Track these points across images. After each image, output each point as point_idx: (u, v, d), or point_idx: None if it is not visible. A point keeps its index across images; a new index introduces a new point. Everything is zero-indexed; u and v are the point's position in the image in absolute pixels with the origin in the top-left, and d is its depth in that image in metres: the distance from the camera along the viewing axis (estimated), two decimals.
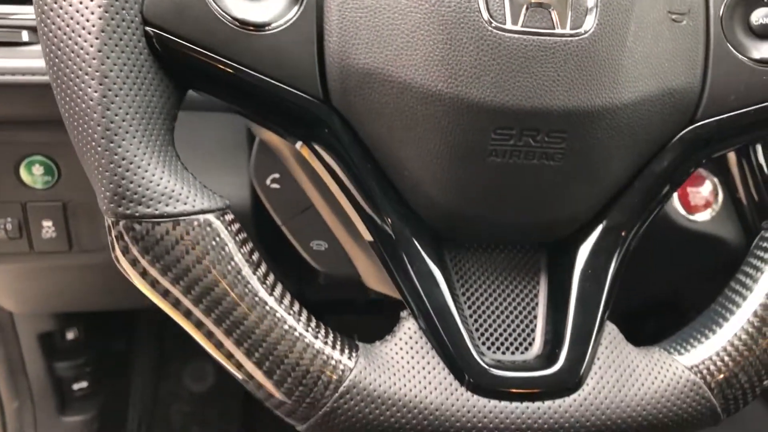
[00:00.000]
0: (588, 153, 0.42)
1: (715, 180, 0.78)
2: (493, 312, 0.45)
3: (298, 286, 0.90)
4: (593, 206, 0.45)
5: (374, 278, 0.50)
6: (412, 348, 0.42)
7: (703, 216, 0.76)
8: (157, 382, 1.29)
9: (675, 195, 0.76)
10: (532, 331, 0.45)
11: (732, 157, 0.78)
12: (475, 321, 0.45)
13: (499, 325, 0.45)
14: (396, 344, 0.42)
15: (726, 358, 0.43)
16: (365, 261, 0.50)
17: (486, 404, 0.41)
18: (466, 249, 0.46)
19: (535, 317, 0.45)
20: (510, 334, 0.45)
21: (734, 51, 0.44)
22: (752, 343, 0.43)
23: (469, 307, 0.45)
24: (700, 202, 0.77)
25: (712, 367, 0.43)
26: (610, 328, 0.44)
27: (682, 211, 0.76)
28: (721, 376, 0.43)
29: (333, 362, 0.40)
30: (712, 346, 0.44)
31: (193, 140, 0.68)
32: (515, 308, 0.46)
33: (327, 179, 0.43)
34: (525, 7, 0.40)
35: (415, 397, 0.40)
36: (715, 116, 0.44)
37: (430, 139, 0.41)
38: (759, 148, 0.77)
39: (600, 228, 0.45)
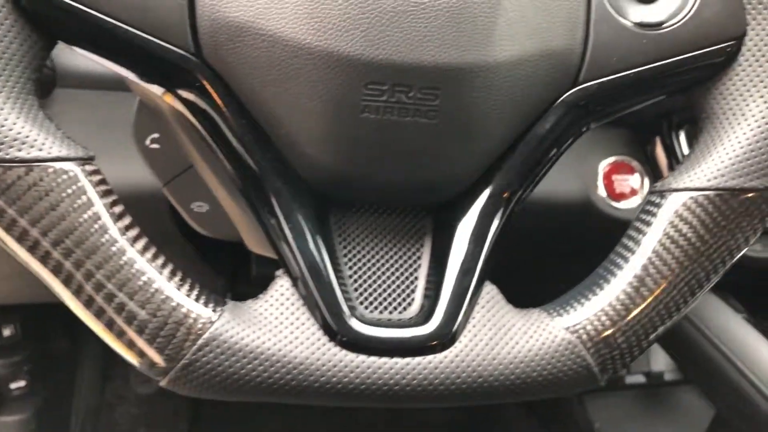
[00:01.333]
0: (463, 111, 0.42)
1: (641, 168, 0.78)
2: (374, 273, 0.45)
3: (231, 282, 0.89)
4: (474, 167, 0.44)
5: (254, 240, 0.49)
6: (282, 305, 0.41)
7: (628, 204, 0.76)
8: (103, 384, 1.27)
9: (600, 183, 0.77)
10: (413, 291, 0.45)
11: (658, 144, 0.78)
12: (355, 281, 0.44)
13: (380, 286, 0.45)
14: (267, 301, 0.41)
15: (604, 318, 0.43)
16: (245, 222, 0.49)
17: (354, 359, 0.40)
18: (353, 211, 0.46)
19: (417, 278, 0.45)
20: (390, 294, 0.44)
21: (615, 14, 0.44)
22: (631, 304, 0.43)
23: (350, 268, 0.45)
24: (626, 190, 0.77)
25: (589, 327, 0.43)
26: (490, 288, 0.44)
27: (608, 199, 0.76)
28: (599, 336, 0.43)
29: (194, 315, 0.39)
30: (592, 308, 0.43)
31: (115, 120, 0.67)
32: (398, 270, 0.45)
33: (203, 137, 0.43)
34: None
35: (279, 351, 0.40)
36: (597, 79, 0.44)
37: (303, 94, 0.40)
38: (682, 136, 0.77)
39: (482, 191, 0.45)
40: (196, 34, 0.40)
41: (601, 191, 0.76)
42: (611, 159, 0.77)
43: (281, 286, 0.42)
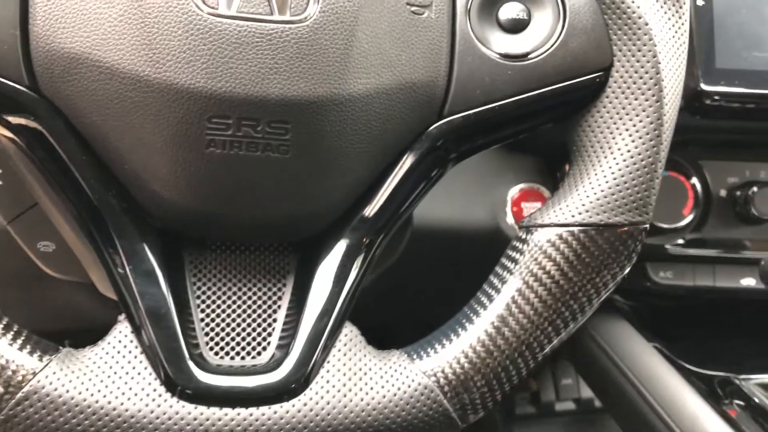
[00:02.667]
0: (317, 146, 0.40)
1: (551, 195, 0.77)
2: (229, 315, 0.43)
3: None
4: (334, 204, 0.43)
5: (103, 282, 0.47)
6: (119, 353, 0.39)
7: None
8: None
9: (509, 211, 0.76)
10: (269, 335, 0.43)
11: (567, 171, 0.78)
12: (207, 325, 0.42)
13: (233, 329, 0.42)
14: (103, 349, 0.39)
15: (463, 361, 0.41)
16: (92, 263, 0.47)
17: (191, 411, 0.38)
18: (211, 249, 0.44)
19: (275, 320, 0.43)
20: (244, 339, 0.42)
21: (480, 45, 0.43)
22: (492, 345, 0.41)
23: (203, 311, 0.42)
24: None
25: (448, 371, 0.41)
26: (349, 330, 0.42)
27: (516, 227, 0.75)
28: (457, 380, 0.41)
29: (15, 365, 0.37)
30: (452, 350, 0.42)
31: None
32: (256, 311, 0.43)
33: (45, 174, 0.40)
34: None
35: (109, 404, 0.37)
36: (462, 112, 0.43)
37: (145, 128, 0.39)
38: None
39: (345, 228, 0.43)
40: (30, 65, 0.38)
41: (510, 219, 0.75)
42: (520, 186, 0.76)
43: (120, 333, 0.39)
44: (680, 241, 0.75)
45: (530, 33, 0.44)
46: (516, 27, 0.44)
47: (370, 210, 0.43)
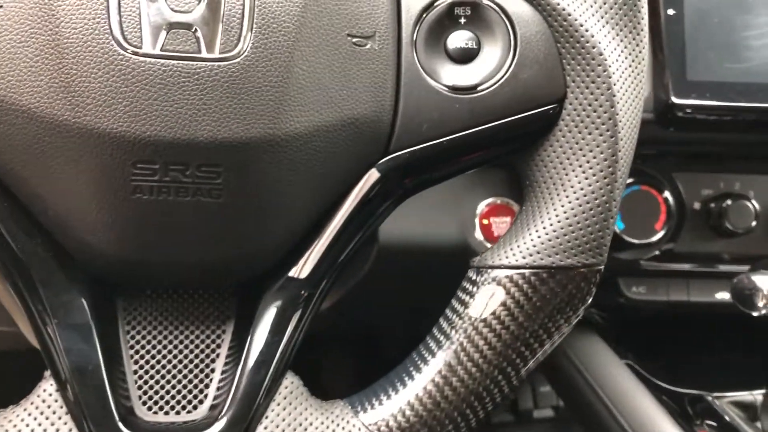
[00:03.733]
0: (252, 189, 0.38)
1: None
2: (165, 366, 0.41)
3: None
4: (274, 247, 0.40)
5: (31, 332, 0.45)
6: (42, 413, 0.37)
7: None
8: None
9: (477, 225, 0.74)
10: (206, 386, 0.41)
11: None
12: (140, 378, 0.40)
13: (169, 381, 0.40)
14: (25, 410, 0.37)
15: (409, 413, 0.39)
16: (19, 313, 0.45)
17: None
18: (146, 295, 0.42)
19: (213, 371, 0.41)
20: (180, 391, 0.40)
21: (427, 77, 0.41)
22: (439, 395, 0.40)
23: (137, 362, 0.40)
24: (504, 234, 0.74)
25: (392, 423, 0.39)
26: (290, 381, 0.40)
27: (485, 243, 0.73)
28: None
29: None
30: (397, 402, 0.40)
31: None
32: (193, 360, 0.41)
33: None
34: (165, 27, 0.36)
35: None
36: (409, 147, 0.41)
37: (68, 174, 0.36)
38: None
39: (285, 273, 0.41)
40: None
41: (479, 234, 0.73)
42: (489, 200, 0.74)
43: (44, 391, 0.37)
44: (653, 255, 0.73)
45: (480, 63, 0.42)
46: (465, 57, 0.42)
47: (313, 251, 0.41)
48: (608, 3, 0.41)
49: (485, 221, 0.73)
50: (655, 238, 0.71)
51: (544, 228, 0.40)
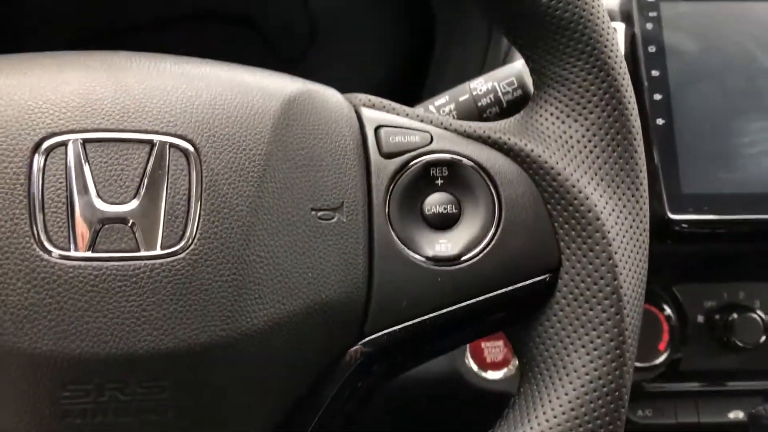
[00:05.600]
0: (206, 400, 0.33)
1: None
2: None
3: None
4: None
5: None
6: None
7: (500, 374, 0.68)
8: None
9: (467, 351, 0.68)
10: None
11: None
12: None
13: None
14: None
15: None
16: None
17: None
18: None
19: None
20: None
21: (404, 248, 0.36)
22: None
23: None
24: (498, 358, 0.69)
25: None
26: None
27: (477, 369, 0.68)
28: None
29: None
30: None
31: None
32: None
33: None
34: (97, 224, 0.31)
35: None
36: (386, 328, 0.36)
37: None
38: None
39: None
40: None
41: (470, 360, 0.68)
42: None
43: None
44: (658, 374, 0.68)
45: (462, 230, 0.37)
46: (444, 223, 0.37)
47: None
48: (601, 158, 0.37)
49: (476, 347, 0.68)
50: (658, 361, 0.66)
51: (547, 420, 0.35)
